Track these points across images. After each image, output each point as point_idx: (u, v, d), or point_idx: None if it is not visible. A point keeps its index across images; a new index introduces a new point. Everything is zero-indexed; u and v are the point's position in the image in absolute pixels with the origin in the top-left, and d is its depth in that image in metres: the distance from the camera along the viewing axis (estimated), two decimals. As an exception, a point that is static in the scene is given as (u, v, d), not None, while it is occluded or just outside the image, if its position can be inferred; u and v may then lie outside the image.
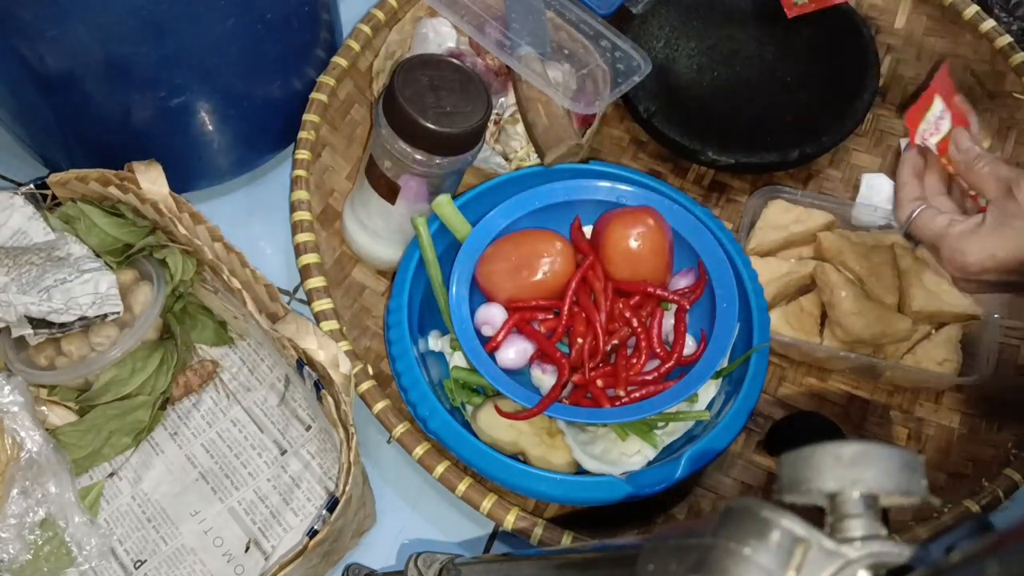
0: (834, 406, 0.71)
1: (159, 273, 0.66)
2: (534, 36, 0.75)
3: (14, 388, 0.60)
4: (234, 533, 0.63)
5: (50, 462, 0.60)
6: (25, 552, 0.58)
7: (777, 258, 0.73)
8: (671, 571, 0.29)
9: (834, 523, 0.26)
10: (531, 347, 0.63)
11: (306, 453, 0.66)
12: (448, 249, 0.68)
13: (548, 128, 0.70)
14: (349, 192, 0.75)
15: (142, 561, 0.63)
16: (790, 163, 0.77)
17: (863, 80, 0.79)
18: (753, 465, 0.69)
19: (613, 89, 0.73)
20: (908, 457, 0.26)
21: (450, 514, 0.67)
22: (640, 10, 0.83)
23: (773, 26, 0.86)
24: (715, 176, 0.83)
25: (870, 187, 0.79)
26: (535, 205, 0.68)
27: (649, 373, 0.62)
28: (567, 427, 0.62)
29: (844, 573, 0.25)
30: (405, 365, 0.62)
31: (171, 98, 0.68)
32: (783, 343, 0.69)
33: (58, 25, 0.59)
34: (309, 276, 0.69)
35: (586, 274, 0.64)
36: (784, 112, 0.82)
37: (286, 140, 0.80)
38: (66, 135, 0.72)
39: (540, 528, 0.60)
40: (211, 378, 0.69)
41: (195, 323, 0.69)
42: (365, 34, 0.80)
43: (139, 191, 0.63)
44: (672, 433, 0.64)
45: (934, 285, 0.69)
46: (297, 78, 0.77)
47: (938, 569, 0.24)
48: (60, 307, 0.61)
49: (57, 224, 0.66)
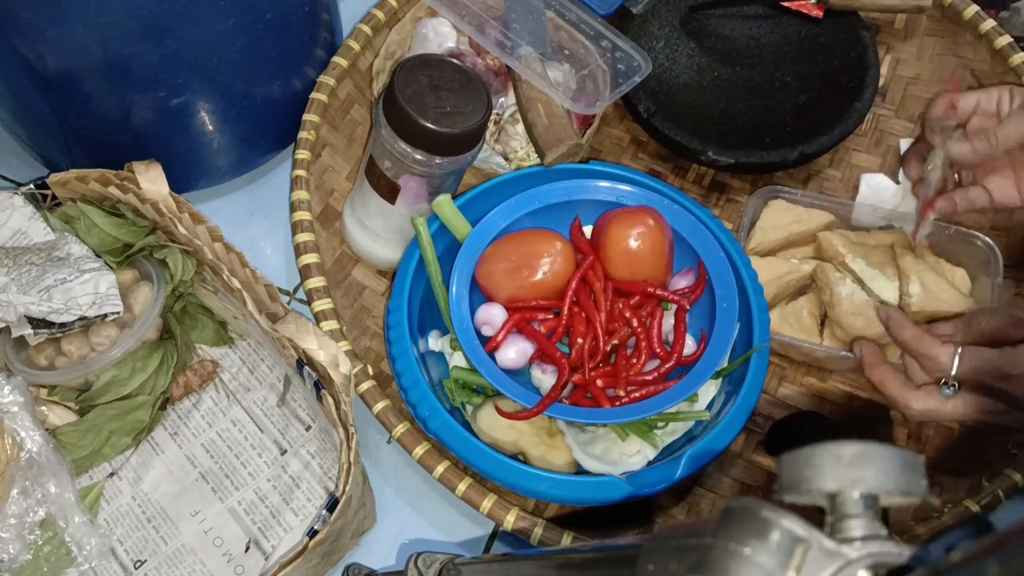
0: (834, 406, 0.71)
1: (159, 273, 0.66)
2: (534, 36, 0.75)
3: (14, 388, 0.60)
4: (234, 533, 0.63)
5: (50, 462, 0.60)
6: (25, 552, 0.58)
7: (777, 258, 0.73)
8: (671, 571, 0.29)
9: (834, 523, 0.26)
10: (531, 347, 0.63)
11: (306, 453, 0.66)
12: (448, 249, 0.68)
13: (548, 128, 0.70)
14: (349, 192, 0.75)
15: (142, 561, 0.63)
16: (790, 163, 0.77)
17: (863, 80, 0.79)
18: (753, 465, 0.69)
19: (614, 89, 0.73)
20: (908, 457, 0.26)
21: (450, 514, 0.67)
22: (640, 10, 0.83)
23: (773, 26, 0.86)
24: (715, 176, 0.83)
25: (870, 187, 0.79)
26: (535, 205, 0.68)
27: (649, 373, 0.62)
28: (567, 427, 0.62)
29: (844, 573, 0.25)
30: (405, 365, 0.62)
31: (171, 98, 0.68)
32: (783, 343, 0.69)
33: (58, 25, 0.59)
34: (309, 276, 0.69)
35: (586, 274, 0.64)
36: (784, 112, 0.82)
37: (286, 140, 0.80)
38: (66, 135, 0.72)
39: (540, 528, 0.60)
40: (211, 378, 0.69)
41: (195, 323, 0.69)
42: (365, 34, 0.80)
43: (139, 191, 0.63)
44: (672, 433, 0.64)
45: (934, 285, 0.69)
46: (297, 78, 0.77)
47: (938, 569, 0.24)
48: (60, 307, 0.61)
49: (57, 224, 0.66)
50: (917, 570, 0.25)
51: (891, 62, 0.88)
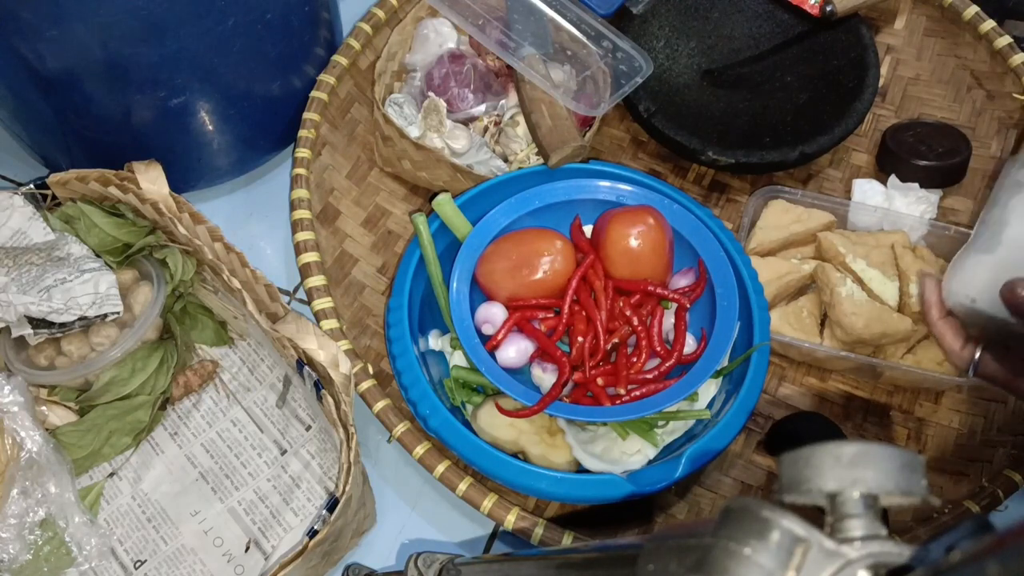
0: (834, 406, 0.71)
1: (159, 273, 0.66)
2: (536, 36, 0.75)
3: (14, 388, 0.60)
4: (234, 533, 0.63)
5: (50, 462, 0.60)
6: (25, 552, 0.58)
7: (777, 258, 0.73)
8: (671, 571, 0.29)
9: (834, 523, 0.26)
10: (531, 346, 0.63)
11: (306, 453, 0.66)
12: (448, 248, 0.68)
13: (552, 129, 0.70)
14: (350, 192, 0.75)
15: (142, 561, 0.63)
16: (790, 163, 0.77)
17: (863, 80, 0.79)
18: (753, 465, 0.69)
19: (615, 90, 0.73)
20: (908, 457, 0.26)
21: (450, 514, 0.67)
22: (640, 10, 0.83)
23: (773, 26, 0.86)
24: (715, 176, 0.83)
25: (863, 192, 0.79)
26: (535, 204, 0.68)
27: (649, 372, 0.62)
28: (567, 426, 0.62)
29: (844, 573, 0.25)
30: (405, 364, 0.62)
31: (171, 98, 0.68)
32: (783, 343, 0.69)
33: (58, 25, 0.59)
34: (309, 274, 0.69)
35: (586, 273, 0.64)
36: (784, 112, 0.82)
37: (286, 140, 0.80)
38: (66, 135, 0.72)
39: (541, 528, 0.60)
40: (211, 378, 0.69)
41: (195, 323, 0.69)
42: (365, 33, 0.80)
43: (139, 191, 0.63)
44: (672, 432, 0.64)
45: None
46: (297, 78, 0.77)
47: (938, 569, 0.24)
48: (60, 307, 0.61)
49: (57, 224, 0.66)
50: (917, 570, 0.25)
51: (891, 62, 0.88)
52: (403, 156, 0.75)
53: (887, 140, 0.81)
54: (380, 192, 0.79)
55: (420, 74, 0.79)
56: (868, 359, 0.68)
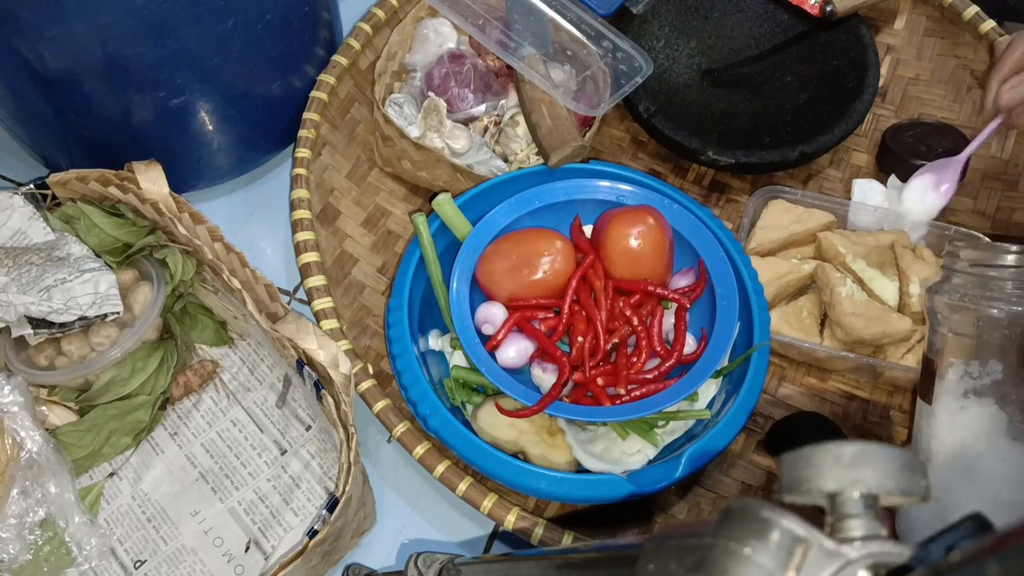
0: (834, 406, 0.71)
1: (159, 273, 0.66)
2: (536, 36, 0.75)
3: (14, 388, 0.60)
4: (234, 533, 0.63)
5: (50, 462, 0.60)
6: (25, 552, 0.58)
7: (777, 258, 0.73)
8: (671, 571, 0.29)
9: (834, 523, 0.26)
10: (531, 346, 0.63)
11: (306, 453, 0.66)
12: (448, 248, 0.68)
13: (552, 129, 0.70)
14: (350, 192, 0.75)
15: (142, 561, 0.63)
16: (790, 163, 0.77)
17: (863, 80, 0.79)
18: (753, 465, 0.69)
19: (615, 90, 0.73)
20: (908, 457, 0.26)
21: (450, 514, 0.67)
22: (640, 10, 0.83)
23: (773, 26, 0.86)
24: (715, 176, 0.83)
25: (862, 192, 0.79)
26: (535, 204, 0.68)
27: (649, 372, 0.62)
28: (567, 426, 0.62)
29: (844, 573, 0.25)
30: (405, 364, 0.62)
31: (171, 98, 0.68)
32: (783, 343, 0.69)
33: (58, 25, 0.59)
34: (309, 274, 0.69)
35: (586, 273, 0.64)
36: (784, 112, 0.82)
37: (286, 140, 0.80)
38: (66, 135, 0.72)
39: (541, 528, 0.60)
40: (211, 378, 0.69)
41: (195, 323, 0.69)
42: (365, 33, 0.80)
43: (139, 191, 0.63)
44: (672, 432, 0.64)
45: (934, 285, 0.69)
46: (297, 78, 0.77)
47: (938, 569, 0.24)
48: (60, 307, 0.61)
49: (57, 224, 0.66)
50: (917, 570, 0.25)
51: (891, 62, 0.88)
52: (403, 156, 0.75)
53: (887, 140, 0.81)
54: (380, 192, 0.79)
55: (420, 74, 0.79)
56: (868, 359, 0.68)
